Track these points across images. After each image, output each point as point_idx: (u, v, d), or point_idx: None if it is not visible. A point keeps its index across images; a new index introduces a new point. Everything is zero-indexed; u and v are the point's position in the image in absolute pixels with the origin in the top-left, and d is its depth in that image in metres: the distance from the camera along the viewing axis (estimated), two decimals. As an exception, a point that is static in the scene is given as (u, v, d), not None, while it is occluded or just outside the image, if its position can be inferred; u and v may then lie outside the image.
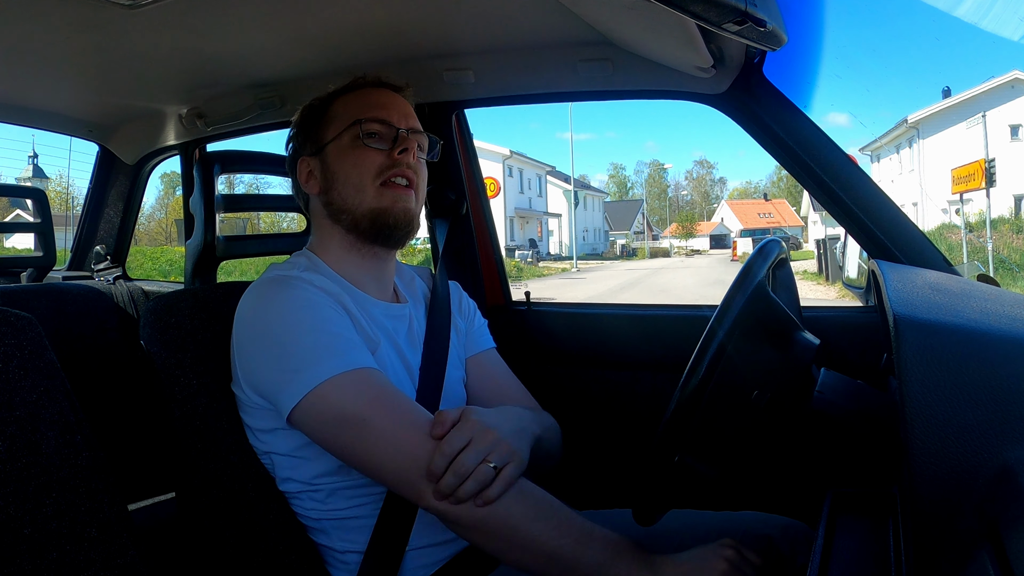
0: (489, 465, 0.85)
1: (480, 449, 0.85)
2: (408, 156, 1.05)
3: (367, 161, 1.04)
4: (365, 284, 1.07)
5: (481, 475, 0.84)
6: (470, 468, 0.84)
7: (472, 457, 0.85)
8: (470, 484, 0.84)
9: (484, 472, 0.84)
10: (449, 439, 0.86)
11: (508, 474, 0.86)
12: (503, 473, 0.85)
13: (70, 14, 1.19)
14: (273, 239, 1.71)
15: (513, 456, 0.87)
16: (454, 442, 0.86)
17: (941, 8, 35.58)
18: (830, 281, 15.04)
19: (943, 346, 0.56)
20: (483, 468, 0.84)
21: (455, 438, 0.86)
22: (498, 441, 0.87)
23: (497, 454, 0.86)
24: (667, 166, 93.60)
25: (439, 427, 0.88)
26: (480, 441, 0.86)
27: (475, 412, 0.90)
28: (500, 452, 0.86)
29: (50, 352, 0.90)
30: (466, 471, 0.84)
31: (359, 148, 1.05)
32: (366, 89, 1.10)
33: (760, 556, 0.88)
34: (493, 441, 0.87)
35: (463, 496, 0.84)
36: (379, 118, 1.06)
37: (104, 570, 0.84)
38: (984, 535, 0.49)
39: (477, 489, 0.84)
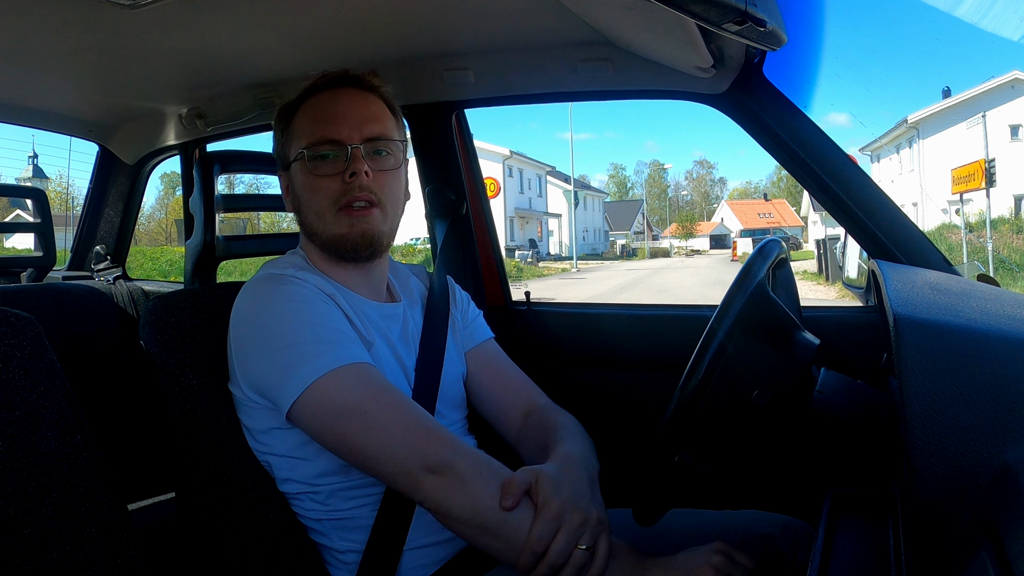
0: (582, 549, 0.81)
1: (571, 537, 0.81)
2: (358, 179, 1.00)
3: (321, 190, 1.01)
4: (356, 286, 1.07)
5: (578, 560, 0.81)
6: (565, 558, 0.80)
7: (564, 547, 0.80)
8: (569, 572, 0.80)
9: (580, 558, 0.81)
10: (539, 535, 0.80)
11: (604, 549, 0.82)
12: (600, 551, 0.82)
13: (70, 14, 1.19)
14: (273, 239, 1.71)
15: (603, 527, 0.84)
16: (543, 537, 0.80)
17: (941, 8, 35.50)
18: (830, 281, 15.03)
19: (943, 346, 0.56)
20: (577, 554, 0.81)
21: (543, 531, 0.80)
22: (586, 520, 0.82)
23: (588, 535, 0.82)
24: (667, 166, 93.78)
25: (509, 498, 0.83)
26: (569, 527, 0.81)
27: (552, 487, 0.84)
28: (591, 531, 0.82)
29: (50, 352, 0.90)
30: (561, 563, 0.80)
31: (311, 176, 1.02)
32: (327, 93, 1.05)
33: (754, 558, 0.88)
34: (582, 523, 0.82)
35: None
36: (328, 138, 1.01)
37: (104, 570, 0.84)
38: (984, 535, 0.49)
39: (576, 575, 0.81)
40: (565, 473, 0.89)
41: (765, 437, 0.90)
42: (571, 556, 0.81)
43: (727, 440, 0.91)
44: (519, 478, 0.85)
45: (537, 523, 0.81)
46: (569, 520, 0.81)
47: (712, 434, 0.89)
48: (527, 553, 0.80)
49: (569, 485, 0.87)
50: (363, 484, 0.98)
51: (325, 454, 0.95)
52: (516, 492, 0.84)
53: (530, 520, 0.83)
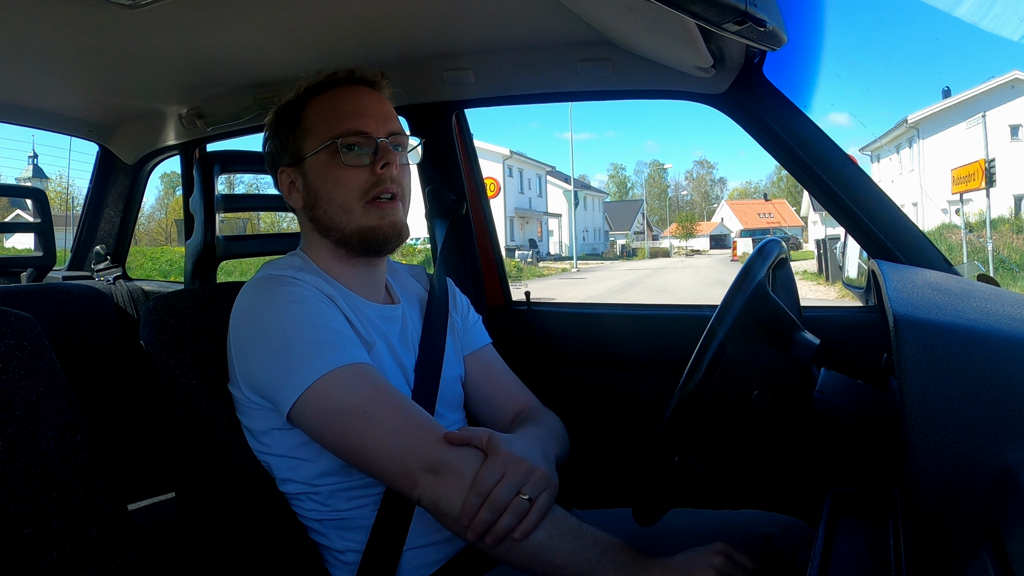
0: (524, 498, 0.83)
1: (514, 482, 0.84)
2: (390, 170, 1.01)
3: (350, 181, 1.01)
4: (357, 287, 1.07)
5: (517, 508, 0.83)
6: (506, 503, 0.83)
7: (507, 491, 0.83)
8: (507, 518, 0.82)
9: (520, 505, 0.83)
10: (482, 476, 0.84)
11: (543, 503, 0.84)
12: (538, 503, 0.84)
13: (70, 14, 1.19)
14: (273, 239, 1.71)
15: (548, 484, 0.86)
16: (488, 479, 0.83)
17: (941, 8, 35.50)
18: (830, 281, 15.03)
19: (943, 346, 0.56)
20: (518, 501, 0.83)
21: (488, 474, 0.84)
22: (531, 471, 0.85)
23: (531, 485, 0.84)
24: (667, 166, 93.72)
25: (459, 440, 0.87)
26: (513, 474, 0.84)
27: (502, 441, 0.88)
28: (534, 482, 0.84)
29: (50, 352, 0.90)
30: (502, 506, 0.82)
31: (340, 167, 1.01)
32: (339, 90, 1.05)
33: (754, 558, 0.88)
34: (526, 472, 0.85)
35: (500, 532, 0.83)
36: (356, 130, 1.01)
37: (104, 570, 0.84)
38: (984, 535, 0.49)
39: (514, 523, 0.83)
40: (519, 439, 0.93)
41: (765, 437, 0.90)
42: (511, 503, 0.83)
43: (727, 440, 0.91)
44: (474, 429, 0.90)
45: (483, 467, 0.85)
46: (514, 469, 0.85)
47: (712, 434, 0.89)
48: (471, 494, 0.83)
49: (521, 445, 0.90)
50: (363, 484, 0.98)
51: (325, 454, 0.95)
52: (462, 437, 0.88)
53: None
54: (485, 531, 0.83)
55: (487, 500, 0.83)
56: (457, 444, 0.88)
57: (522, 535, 0.83)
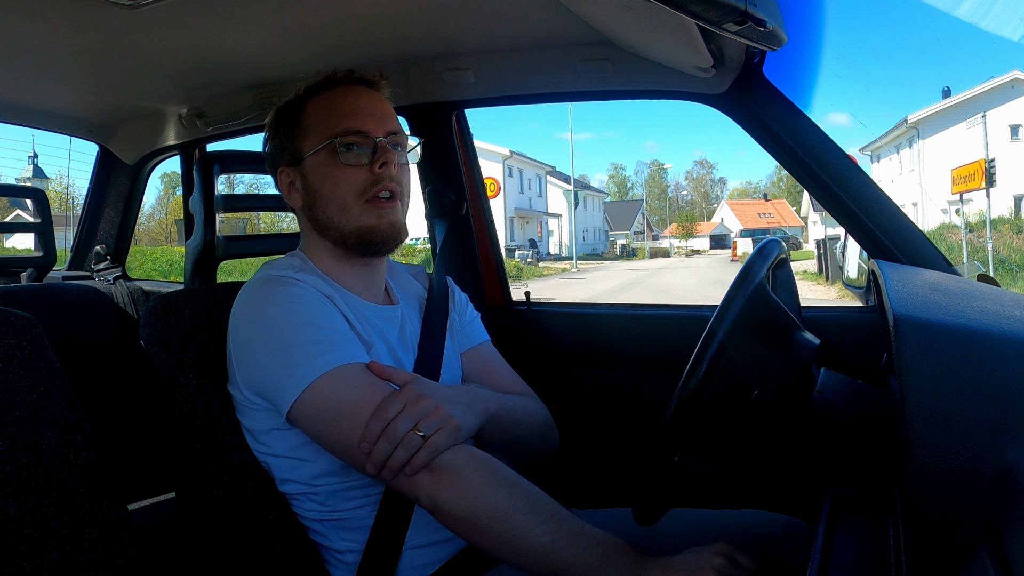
0: (418, 434, 0.85)
1: (410, 416, 0.86)
2: (388, 169, 1.02)
3: (348, 179, 1.02)
4: (356, 288, 1.07)
5: (409, 443, 0.85)
6: (400, 435, 0.85)
7: (402, 425, 0.85)
8: (399, 452, 0.85)
9: (412, 440, 0.85)
10: (383, 405, 0.87)
11: (435, 441, 0.85)
12: (431, 440, 0.85)
13: (70, 14, 1.19)
14: (273, 239, 1.71)
15: (446, 423, 0.87)
16: (389, 409, 0.86)
17: (941, 8, 35.55)
18: (830, 281, 15.03)
19: (943, 346, 0.56)
20: (411, 436, 0.85)
21: (389, 404, 0.86)
22: (430, 408, 0.87)
23: (427, 422, 0.86)
24: (667, 166, 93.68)
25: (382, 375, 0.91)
26: (411, 409, 0.86)
27: (418, 381, 0.91)
28: (430, 420, 0.86)
29: (50, 352, 0.90)
30: (396, 438, 0.85)
31: (338, 167, 1.02)
32: (338, 90, 1.06)
33: (756, 558, 0.88)
34: (423, 408, 0.87)
35: (394, 465, 0.85)
36: (355, 129, 1.02)
37: (104, 570, 0.84)
38: (984, 535, 0.49)
39: (406, 457, 0.84)
40: (444, 387, 0.95)
41: (765, 437, 0.90)
42: (405, 438, 0.84)
43: (727, 440, 0.91)
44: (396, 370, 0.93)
45: (388, 398, 0.87)
46: (416, 404, 0.86)
47: (712, 434, 0.89)
48: (372, 420, 0.86)
49: (444, 391, 0.92)
50: (363, 484, 0.98)
51: (325, 455, 0.95)
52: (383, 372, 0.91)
53: (529, 517, 0.84)
54: (383, 462, 0.85)
55: (384, 431, 0.85)
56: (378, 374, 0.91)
57: (412, 470, 0.85)
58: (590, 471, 1.57)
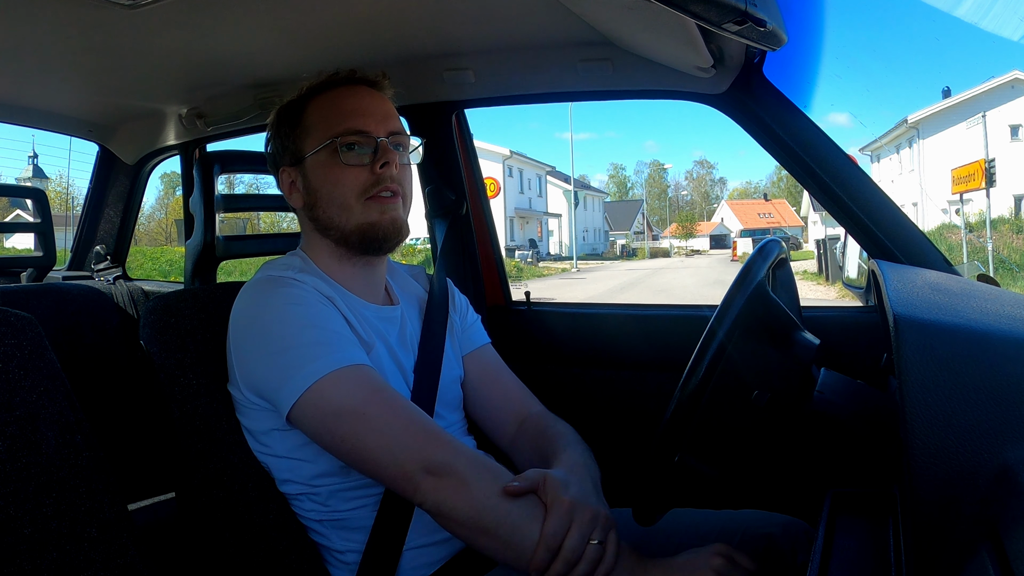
0: (594, 543, 0.82)
1: (584, 532, 0.82)
2: (390, 169, 1.01)
3: (349, 179, 1.01)
4: (356, 288, 1.07)
5: (591, 556, 0.82)
6: (580, 553, 0.82)
7: (578, 542, 0.82)
8: (583, 567, 0.81)
9: (594, 552, 0.82)
10: (551, 531, 0.82)
11: (615, 543, 0.83)
12: (611, 544, 0.83)
13: (70, 14, 1.19)
14: (273, 239, 1.71)
15: (612, 523, 0.85)
16: (558, 532, 0.82)
17: (941, 8, 35.47)
18: (830, 281, 15.03)
19: (943, 346, 0.56)
20: (590, 549, 0.82)
21: (557, 527, 0.82)
22: (596, 516, 0.84)
23: (600, 531, 0.83)
24: (667, 166, 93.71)
25: (514, 489, 0.85)
26: (581, 523, 0.83)
27: (561, 487, 0.86)
28: (601, 527, 0.84)
29: (50, 352, 0.90)
30: (576, 558, 0.81)
31: (339, 167, 1.01)
32: (340, 90, 1.06)
33: (754, 558, 0.88)
34: (592, 519, 0.83)
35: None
36: (356, 129, 1.02)
37: (104, 570, 0.84)
38: (984, 535, 0.49)
39: (590, 570, 0.82)
40: (572, 476, 0.91)
41: (765, 437, 0.90)
42: (584, 551, 0.82)
43: (727, 440, 0.91)
44: (528, 475, 0.87)
45: (550, 519, 0.82)
46: (580, 516, 0.83)
47: (712, 434, 0.89)
48: (542, 550, 0.81)
49: (577, 486, 0.88)
50: (363, 485, 0.98)
51: (324, 455, 0.95)
52: (523, 487, 0.85)
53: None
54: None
55: (560, 554, 0.81)
56: (519, 496, 0.85)
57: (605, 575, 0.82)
58: (590, 471, 1.57)
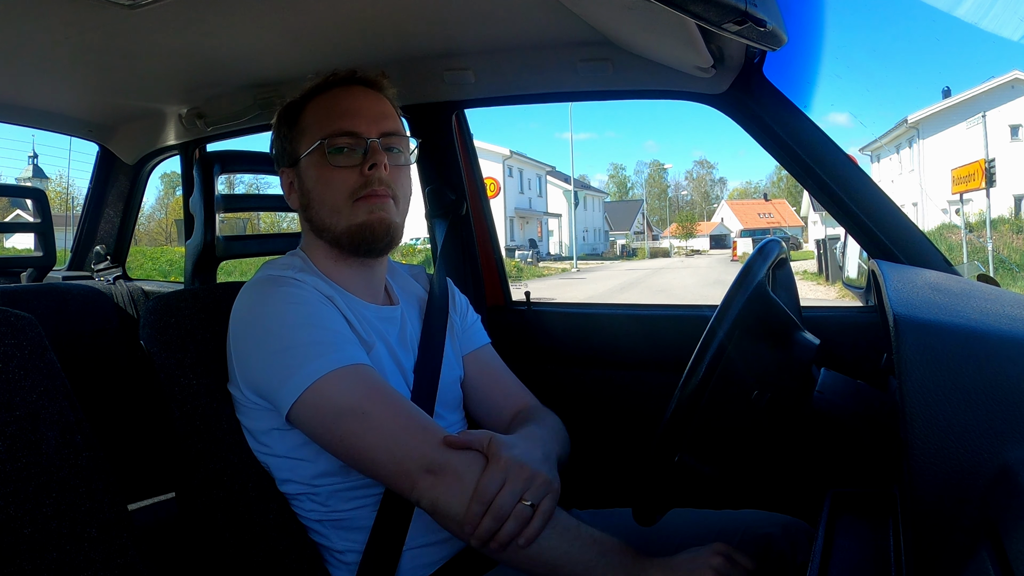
0: (526, 504, 0.83)
1: (516, 489, 0.83)
2: (378, 171, 1.00)
3: (338, 181, 1.01)
4: (356, 288, 1.07)
5: (520, 515, 0.82)
6: (509, 510, 0.82)
7: (510, 498, 0.82)
8: (510, 526, 0.82)
9: (523, 511, 0.83)
10: (484, 484, 0.83)
11: (546, 508, 0.84)
12: (541, 508, 0.84)
13: (70, 14, 1.19)
14: (273, 239, 1.71)
15: (549, 488, 0.85)
16: (490, 487, 0.83)
17: (941, 8, 35.58)
18: (830, 281, 15.03)
19: (943, 346, 0.56)
20: (521, 507, 0.83)
21: (490, 482, 0.83)
22: (533, 476, 0.85)
23: (534, 491, 0.84)
24: (667, 166, 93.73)
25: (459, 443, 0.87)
26: (515, 480, 0.83)
27: (504, 446, 0.87)
28: (536, 488, 0.84)
29: (50, 352, 0.90)
30: (505, 514, 0.82)
31: (329, 168, 1.01)
32: (337, 91, 1.05)
33: (754, 558, 0.88)
34: (528, 478, 0.84)
35: (504, 539, 0.82)
36: (345, 130, 1.01)
37: (104, 570, 0.84)
38: (984, 535, 0.49)
39: (518, 530, 0.82)
40: (521, 441, 0.92)
41: (765, 437, 0.90)
42: (515, 509, 0.82)
43: (727, 440, 0.91)
44: (474, 433, 0.89)
45: (485, 474, 0.84)
46: (516, 474, 0.84)
47: (712, 434, 0.89)
48: (474, 503, 0.83)
49: (523, 449, 0.89)
50: (362, 485, 0.98)
51: (324, 455, 0.95)
52: (463, 439, 0.87)
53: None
54: (489, 538, 0.83)
55: (490, 508, 0.82)
56: (458, 448, 0.87)
57: (526, 541, 0.83)
58: (590, 471, 1.57)
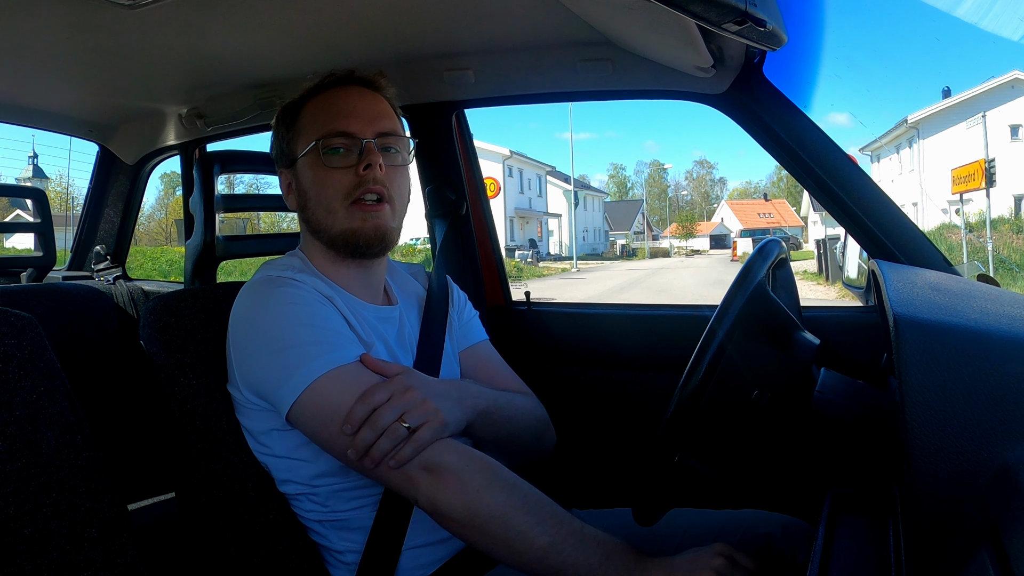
0: (404, 425, 0.84)
1: (396, 406, 0.85)
2: (373, 171, 1.00)
3: (333, 182, 1.01)
4: (354, 288, 1.07)
5: (393, 433, 0.84)
6: (384, 425, 0.84)
7: (388, 415, 0.85)
8: (383, 441, 0.84)
9: (397, 431, 0.84)
10: (370, 391, 0.86)
11: (421, 436, 0.85)
12: (416, 434, 0.85)
13: (70, 14, 1.19)
14: (273, 239, 1.71)
15: (432, 417, 0.86)
16: (375, 395, 0.86)
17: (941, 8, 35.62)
18: (830, 281, 15.03)
19: (943, 346, 0.56)
20: (396, 427, 0.84)
21: (377, 391, 0.86)
22: (416, 401, 0.86)
23: (413, 414, 0.85)
24: (667, 166, 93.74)
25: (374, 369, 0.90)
26: (398, 399, 0.86)
27: (408, 374, 0.90)
28: (416, 412, 0.86)
29: (50, 352, 0.90)
30: (381, 427, 0.84)
31: (324, 169, 1.01)
32: (334, 91, 1.05)
33: (756, 558, 0.88)
34: (410, 400, 0.86)
35: (376, 454, 0.84)
36: (341, 131, 1.01)
37: (104, 570, 0.84)
38: (984, 535, 0.49)
39: (389, 447, 0.84)
40: (435, 381, 0.94)
41: (765, 437, 0.90)
42: (390, 428, 0.84)
43: (727, 440, 0.91)
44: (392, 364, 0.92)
45: (377, 384, 0.87)
46: (403, 396, 0.86)
47: (712, 434, 0.88)
48: (357, 404, 0.85)
49: (433, 385, 0.91)
50: (362, 485, 0.98)
51: (324, 455, 0.95)
52: (375, 365, 0.90)
53: (525, 514, 0.84)
54: (365, 450, 0.85)
55: (369, 418, 0.85)
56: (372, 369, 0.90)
57: (397, 463, 0.84)
58: (590, 471, 1.57)
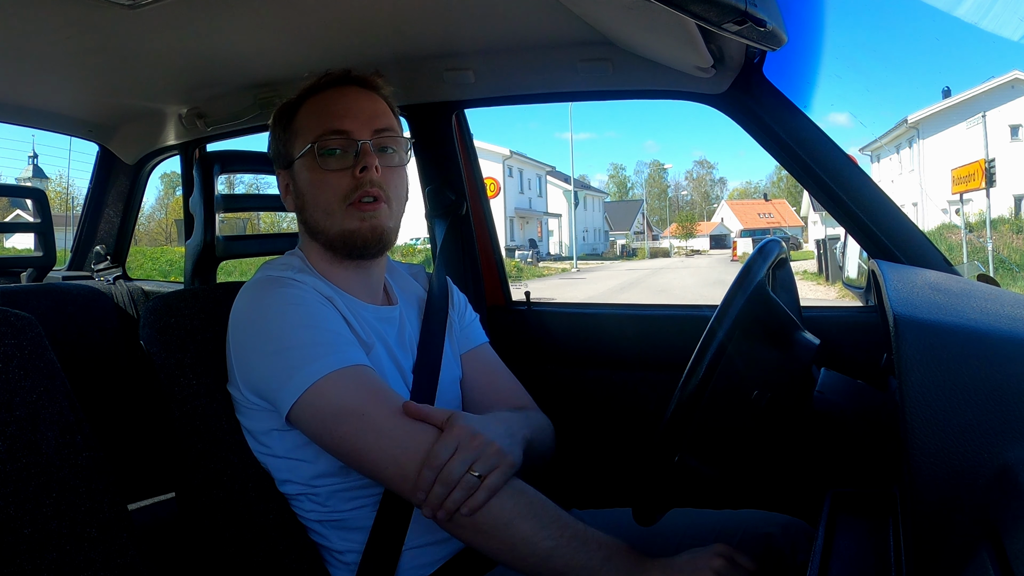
0: (474, 475, 0.84)
1: (466, 458, 0.84)
2: (369, 174, 0.99)
3: (330, 185, 1.01)
4: (354, 289, 1.07)
5: (467, 484, 0.83)
6: (457, 478, 0.83)
7: (459, 466, 0.83)
8: (457, 494, 0.83)
9: (469, 482, 0.83)
10: (436, 450, 0.85)
11: (492, 482, 0.84)
12: (487, 481, 0.84)
13: (70, 14, 1.19)
14: (273, 239, 1.71)
15: (501, 460, 0.86)
16: (441, 453, 0.84)
17: (941, 8, 35.55)
18: (830, 281, 15.03)
19: (943, 346, 0.56)
20: (468, 478, 0.83)
21: (441, 448, 0.85)
22: (484, 446, 0.86)
23: (482, 461, 0.85)
24: (667, 166, 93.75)
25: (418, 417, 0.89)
26: (466, 449, 0.85)
27: (462, 417, 0.88)
28: (486, 458, 0.85)
29: (50, 352, 0.90)
30: (453, 481, 0.83)
31: (320, 171, 1.01)
32: (331, 91, 1.05)
33: (756, 559, 0.88)
34: (478, 447, 0.85)
35: (451, 507, 0.83)
36: (335, 131, 1.01)
37: (104, 570, 0.84)
38: (984, 535, 0.49)
39: (463, 498, 0.83)
40: (484, 419, 0.93)
41: (765, 437, 0.90)
42: (463, 480, 0.83)
43: (727, 440, 0.91)
44: (435, 408, 0.91)
45: (439, 441, 0.85)
46: (467, 443, 0.85)
47: (712, 434, 0.88)
48: (425, 468, 0.84)
49: (482, 424, 0.90)
50: (362, 485, 0.98)
51: (324, 456, 0.95)
52: (422, 410, 0.89)
53: (526, 519, 0.84)
54: (439, 504, 0.84)
55: (439, 475, 0.84)
56: (414, 416, 0.89)
57: (469, 511, 0.84)
58: (590, 471, 1.57)
